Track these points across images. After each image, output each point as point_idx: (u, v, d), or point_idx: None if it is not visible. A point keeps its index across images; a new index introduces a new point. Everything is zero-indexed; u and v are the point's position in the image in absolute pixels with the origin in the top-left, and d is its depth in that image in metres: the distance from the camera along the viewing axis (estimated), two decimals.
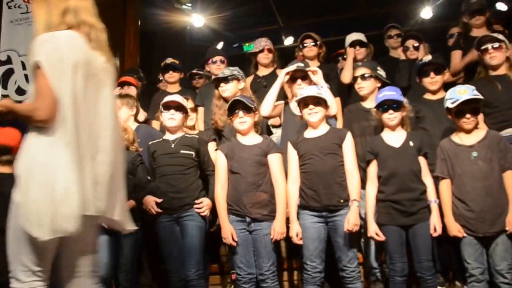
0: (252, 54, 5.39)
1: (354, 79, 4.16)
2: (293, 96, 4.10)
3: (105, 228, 3.68)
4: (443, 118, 3.75)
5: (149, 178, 3.94)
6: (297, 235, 3.47)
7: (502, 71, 4.05)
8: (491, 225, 3.29)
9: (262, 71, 5.25)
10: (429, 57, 4.13)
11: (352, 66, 4.84)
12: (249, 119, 3.70)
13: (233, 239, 3.54)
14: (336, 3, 8.84)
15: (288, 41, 9.93)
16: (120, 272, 3.70)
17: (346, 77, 4.90)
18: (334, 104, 3.93)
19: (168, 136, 3.90)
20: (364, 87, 4.08)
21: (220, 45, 9.64)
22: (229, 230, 3.55)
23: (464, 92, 3.41)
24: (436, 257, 3.81)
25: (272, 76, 4.94)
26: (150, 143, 3.93)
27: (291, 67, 4.11)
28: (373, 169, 3.59)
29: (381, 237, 3.46)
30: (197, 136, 3.95)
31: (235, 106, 3.72)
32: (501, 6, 7.29)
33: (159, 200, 3.69)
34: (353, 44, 5.25)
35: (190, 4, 8.57)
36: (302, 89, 3.77)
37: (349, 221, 3.37)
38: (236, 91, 4.35)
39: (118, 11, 6.88)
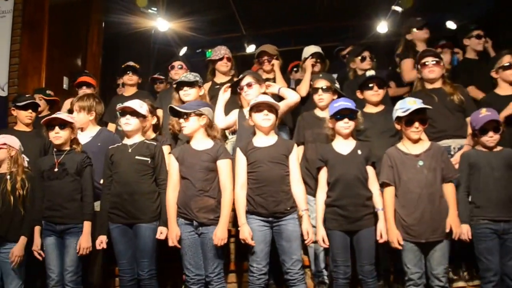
0: (210, 61, 5.46)
1: (314, 90, 4.29)
2: (248, 103, 4.17)
3: (51, 230, 3.74)
4: (383, 130, 3.96)
5: (97, 181, 3.99)
6: (249, 237, 3.55)
7: (437, 85, 4.30)
8: (432, 232, 3.45)
9: (220, 78, 5.33)
10: (372, 72, 4.29)
11: (309, 78, 4.98)
12: (188, 124, 3.75)
13: (179, 242, 3.62)
14: (297, 14, 8.99)
15: (250, 48, 10.04)
16: (66, 273, 3.72)
17: (303, 90, 5.04)
18: (292, 92, 4.22)
19: (127, 141, 3.93)
20: (324, 98, 4.23)
21: (183, 50, 9.70)
22: (175, 232, 3.63)
23: (414, 103, 3.59)
24: (378, 259, 3.95)
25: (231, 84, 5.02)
26: (109, 147, 3.94)
27: (227, 86, 4.37)
28: (323, 176, 3.72)
29: (326, 244, 3.61)
30: (155, 143, 3.97)
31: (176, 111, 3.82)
32: (451, 25, 7.57)
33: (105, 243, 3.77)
34: (312, 56, 5.39)
35: (155, 9, 8.58)
36: (258, 96, 3.87)
37: (308, 232, 3.54)
38: (197, 97, 4.46)
39: (82, 12, 6.89)
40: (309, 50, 5.49)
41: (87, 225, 3.76)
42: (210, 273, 3.58)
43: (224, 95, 4.34)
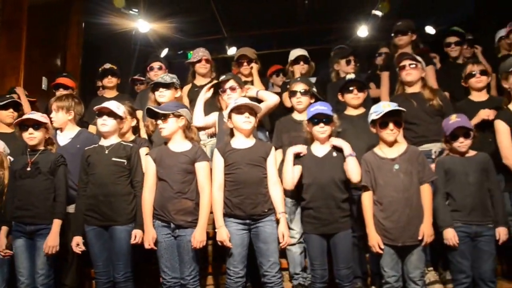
0: (190, 63, 5.45)
1: (292, 93, 4.30)
2: (227, 106, 4.19)
3: (21, 231, 3.70)
4: (362, 133, 3.96)
5: (75, 183, 3.96)
6: (227, 239, 3.54)
7: (416, 89, 4.35)
8: (409, 235, 3.47)
9: (200, 81, 5.30)
10: (352, 75, 4.32)
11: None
12: (166, 125, 3.73)
13: (155, 244, 3.61)
14: (279, 17, 9.03)
15: (231, 51, 9.99)
16: (37, 276, 3.68)
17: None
18: (272, 94, 4.23)
19: (103, 142, 3.90)
20: (302, 101, 4.24)
21: (165, 52, 9.66)
22: (150, 235, 3.61)
23: (388, 106, 3.62)
24: (356, 263, 3.98)
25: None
26: (86, 148, 3.92)
27: (210, 84, 4.36)
28: (297, 172, 3.73)
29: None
30: (131, 144, 3.97)
31: (155, 113, 3.80)
32: (430, 30, 7.66)
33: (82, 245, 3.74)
34: (298, 59, 5.42)
35: (136, 10, 8.55)
36: (238, 98, 3.86)
37: (284, 235, 3.56)
38: (172, 98, 4.45)
39: (62, 12, 6.84)
40: (295, 53, 5.51)
41: (56, 224, 3.72)
42: (186, 276, 3.56)
43: (205, 94, 4.34)
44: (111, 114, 3.87)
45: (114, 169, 3.77)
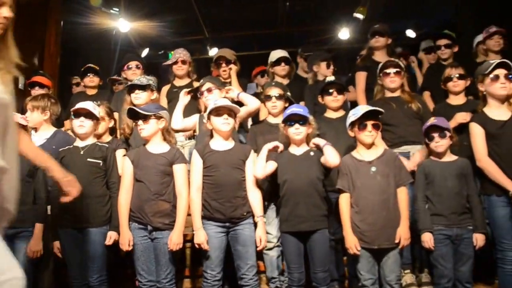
0: (168, 65, 5.43)
1: (267, 97, 4.29)
2: (206, 108, 4.19)
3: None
4: (342, 136, 3.95)
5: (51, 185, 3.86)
6: (205, 242, 3.53)
7: (396, 93, 4.38)
8: (386, 238, 3.47)
9: (179, 82, 5.29)
10: (332, 78, 4.33)
11: None
12: (147, 126, 3.71)
13: (132, 246, 3.59)
14: (260, 19, 9.03)
15: (213, 51, 9.89)
16: None
17: None
18: (253, 99, 4.20)
19: (79, 143, 3.85)
20: (277, 106, 4.24)
21: (145, 52, 9.60)
22: (127, 237, 3.59)
23: (366, 108, 3.65)
24: (334, 266, 3.99)
25: (189, 87, 4.94)
26: (60, 149, 3.87)
27: (188, 90, 4.36)
28: (270, 168, 3.68)
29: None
30: (106, 145, 3.93)
31: (135, 114, 3.77)
32: (410, 33, 7.71)
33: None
34: (279, 61, 5.41)
35: (117, 9, 8.48)
36: (217, 100, 3.84)
37: (262, 238, 3.57)
38: (148, 100, 4.43)
39: (39, 11, 6.74)
40: (275, 54, 5.51)
41: (38, 228, 3.68)
42: (162, 279, 3.54)
43: (183, 99, 4.31)
44: (89, 115, 3.83)
45: (89, 170, 3.73)
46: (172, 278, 3.57)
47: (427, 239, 3.58)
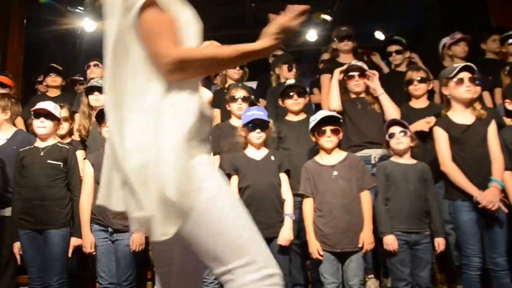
0: None
1: (232, 99, 4.27)
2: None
3: None
4: (304, 139, 3.97)
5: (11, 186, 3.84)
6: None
7: (361, 95, 4.38)
8: (349, 241, 3.48)
9: None
10: (292, 81, 4.32)
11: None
12: None
13: (93, 249, 3.57)
14: (227, 20, 9.00)
15: None
16: None
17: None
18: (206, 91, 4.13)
19: (39, 144, 3.80)
20: (243, 108, 4.19)
21: None
22: (89, 240, 3.57)
23: (324, 114, 3.68)
24: (298, 270, 3.97)
25: None
26: (20, 149, 3.80)
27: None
28: (233, 184, 3.69)
29: None
30: (67, 146, 3.88)
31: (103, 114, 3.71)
32: (379, 35, 7.73)
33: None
34: None
35: (82, 8, 8.35)
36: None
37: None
38: None
39: (1, 9, 6.61)
40: None
41: None
42: (123, 281, 3.52)
43: None
44: (49, 115, 3.77)
45: (50, 172, 3.68)
46: (132, 281, 3.55)
47: (391, 241, 3.55)
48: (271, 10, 1.88)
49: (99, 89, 4.37)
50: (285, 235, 3.58)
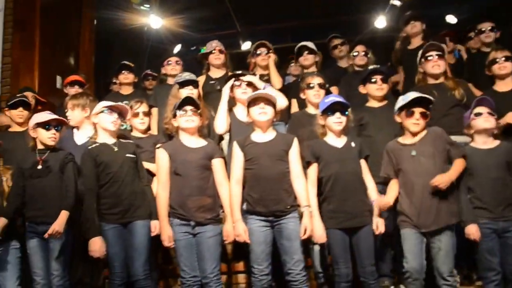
0: (203, 56, 5.38)
1: (309, 86, 4.20)
2: (237, 102, 4.22)
3: (33, 231, 3.64)
4: (386, 125, 3.88)
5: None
6: (244, 233, 3.46)
7: (440, 80, 4.21)
8: (433, 221, 3.37)
9: (215, 73, 5.22)
10: (376, 66, 4.23)
11: None
12: (197, 119, 3.71)
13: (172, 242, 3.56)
14: (294, 10, 8.93)
15: (246, 45, 9.99)
16: (52, 277, 3.60)
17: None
18: (281, 96, 4.12)
19: (106, 140, 3.80)
20: (320, 95, 4.13)
21: (178, 47, 9.59)
22: (167, 233, 3.56)
23: (416, 95, 3.55)
24: (384, 260, 3.92)
25: (225, 79, 4.87)
26: (89, 147, 3.78)
27: (229, 83, 4.21)
28: (313, 172, 3.61)
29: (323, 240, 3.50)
30: (131, 141, 3.97)
31: (184, 104, 3.73)
32: (451, 19, 7.48)
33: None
34: (300, 50, 5.31)
35: (148, 5, 8.49)
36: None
37: (307, 228, 3.41)
38: (197, 97, 4.38)
39: (73, 9, 6.79)
40: (299, 45, 5.41)
41: (63, 213, 3.56)
42: (209, 274, 3.49)
43: (226, 96, 4.19)
44: (122, 114, 3.87)
45: (129, 165, 3.75)
46: (218, 273, 3.53)
47: (473, 231, 3.42)
48: None
49: (193, 83, 4.46)
50: (380, 224, 3.51)
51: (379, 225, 3.49)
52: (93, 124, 3.90)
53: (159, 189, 3.64)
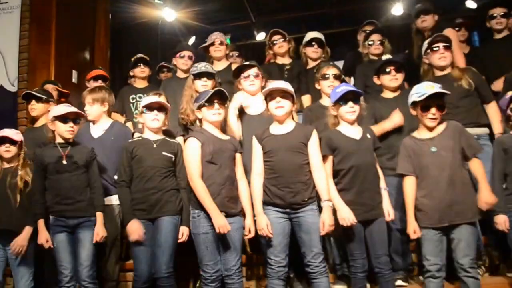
0: (204, 49, 5.35)
1: (324, 77, 4.16)
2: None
3: (62, 225, 3.67)
4: None
5: (111, 176, 3.97)
6: (266, 227, 3.42)
7: (446, 71, 4.15)
8: (454, 215, 3.32)
9: (216, 65, 5.11)
10: (388, 56, 4.18)
11: None
12: (223, 112, 3.70)
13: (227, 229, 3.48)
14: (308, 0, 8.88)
15: (260, 36, 9.95)
16: (82, 267, 3.65)
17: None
18: None
19: (149, 136, 3.83)
20: (335, 85, 4.02)
21: (192, 40, 9.59)
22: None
23: (431, 88, 3.41)
24: (401, 253, 3.90)
25: (227, 71, 4.93)
26: (130, 140, 3.86)
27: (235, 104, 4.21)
28: (329, 165, 3.58)
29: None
30: (176, 141, 3.95)
31: (212, 97, 3.68)
32: (471, 4, 7.33)
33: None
34: (311, 42, 5.27)
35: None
36: (270, 83, 3.76)
37: (325, 223, 3.37)
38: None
39: (89, 4, 6.83)
40: (309, 35, 5.37)
41: (100, 216, 3.74)
42: (232, 266, 3.49)
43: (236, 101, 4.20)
44: (162, 108, 3.83)
45: (164, 163, 3.74)
46: (240, 265, 3.53)
47: (501, 221, 3.40)
48: None
49: (208, 75, 4.43)
50: (391, 210, 3.51)
51: (390, 212, 3.49)
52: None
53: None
